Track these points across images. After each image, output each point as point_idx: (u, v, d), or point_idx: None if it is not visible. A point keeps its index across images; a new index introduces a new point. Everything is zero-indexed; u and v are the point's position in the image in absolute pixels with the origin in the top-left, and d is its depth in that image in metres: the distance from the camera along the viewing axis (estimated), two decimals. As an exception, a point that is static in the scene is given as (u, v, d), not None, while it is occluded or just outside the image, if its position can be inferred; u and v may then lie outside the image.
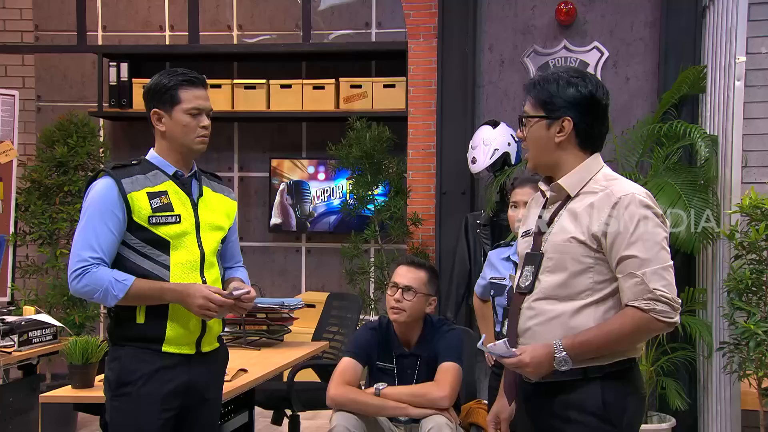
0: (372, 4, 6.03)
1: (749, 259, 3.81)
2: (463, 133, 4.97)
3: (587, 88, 2.12)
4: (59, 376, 5.15)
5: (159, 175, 2.45)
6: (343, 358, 3.19)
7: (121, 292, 2.32)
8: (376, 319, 3.32)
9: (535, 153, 2.16)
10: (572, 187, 2.12)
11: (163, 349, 2.38)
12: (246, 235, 6.22)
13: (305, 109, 5.78)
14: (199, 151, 2.50)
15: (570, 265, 2.06)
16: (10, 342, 3.81)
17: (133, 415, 2.36)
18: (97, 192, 2.39)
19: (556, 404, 2.08)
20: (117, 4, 6.28)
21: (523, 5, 5.00)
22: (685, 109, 4.67)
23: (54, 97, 6.32)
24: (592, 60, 4.91)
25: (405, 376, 3.16)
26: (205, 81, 2.52)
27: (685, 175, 4.29)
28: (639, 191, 2.08)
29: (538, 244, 2.14)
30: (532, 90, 2.16)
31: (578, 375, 2.05)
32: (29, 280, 5.54)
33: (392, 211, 5.26)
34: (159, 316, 2.38)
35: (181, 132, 2.45)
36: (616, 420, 2.06)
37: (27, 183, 5.37)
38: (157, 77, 2.48)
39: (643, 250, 2.01)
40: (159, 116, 2.46)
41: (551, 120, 2.12)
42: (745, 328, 3.64)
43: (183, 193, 2.47)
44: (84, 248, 2.34)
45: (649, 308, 1.99)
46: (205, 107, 2.48)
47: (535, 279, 2.10)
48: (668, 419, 4.37)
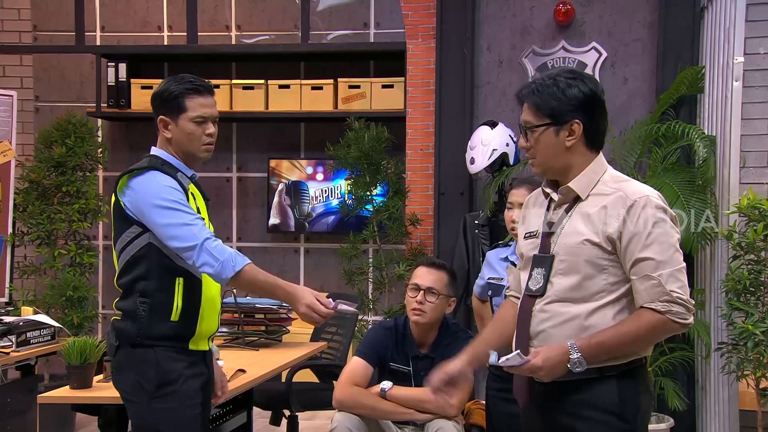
0: (370, 5, 6.03)
1: (747, 259, 3.81)
2: (461, 133, 4.97)
3: (588, 87, 2.11)
4: (57, 376, 5.14)
5: (183, 177, 2.47)
6: (353, 358, 3.17)
7: (239, 265, 2.30)
8: (391, 318, 3.30)
9: (544, 159, 2.13)
10: (582, 189, 2.11)
11: (189, 347, 2.43)
12: (244, 235, 6.22)
13: (304, 109, 5.77)
14: (204, 158, 2.52)
15: (584, 267, 2.05)
16: (8, 342, 3.81)
17: (179, 413, 2.39)
18: (160, 181, 2.37)
19: (571, 403, 2.07)
20: (115, 5, 6.28)
21: (522, 6, 5.00)
22: (684, 109, 4.67)
23: (52, 97, 6.31)
24: (590, 60, 4.91)
25: (419, 378, 3.11)
26: (212, 88, 2.53)
27: (683, 175, 4.29)
28: (652, 193, 2.08)
29: (546, 246, 2.12)
30: (532, 96, 2.12)
31: (594, 374, 2.04)
32: (27, 280, 5.54)
33: (391, 212, 5.26)
34: (192, 313, 2.42)
35: (187, 140, 2.47)
36: (631, 417, 2.06)
37: (25, 183, 5.37)
38: (165, 84, 2.49)
39: (659, 252, 2.01)
40: (165, 123, 2.47)
41: (560, 125, 2.10)
42: (743, 329, 3.64)
43: (200, 195, 2.53)
44: (195, 223, 2.32)
45: (666, 310, 1.99)
46: (210, 115, 2.49)
47: (547, 282, 2.09)
48: (666, 419, 4.37)
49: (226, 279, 2.31)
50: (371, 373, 3.16)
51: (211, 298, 2.48)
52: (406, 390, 3.06)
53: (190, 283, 2.41)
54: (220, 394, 2.68)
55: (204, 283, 2.44)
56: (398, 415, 3.01)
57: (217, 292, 2.52)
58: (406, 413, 3.00)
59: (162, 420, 2.40)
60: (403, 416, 3.01)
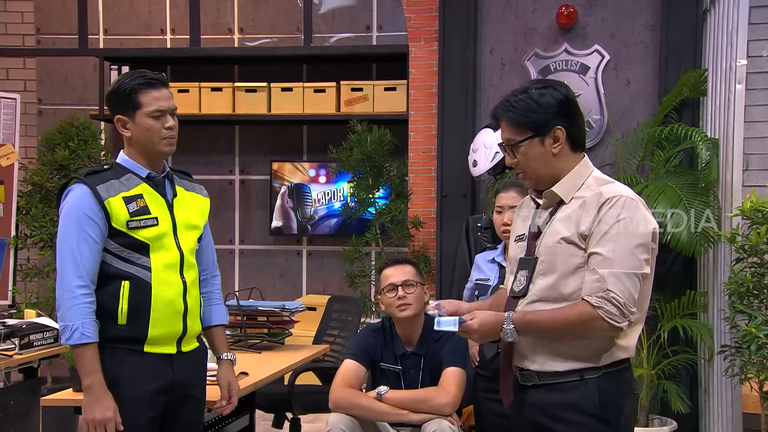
0: (373, 8, 6.04)
1: (750, 262, 3.80)
2: (464, 136, 4.97)
3: (560, 92, 2.15)
4: (60, 379, 5.15)
5: (133, 178, 2.43)
6: (345, 361, 3.19)
7: (74, 341, 2.30)
8: (378, 320, 3.32)
9: (535, 171, 2.16)
10: (566, 193, 2.14)
11: (145, 350, 2.38)
12: (247, 238, 6.22)
13: (306, 112, 5.78)
14: (168, 153, 2.48)
15: (560, 266, 2.09)
16: (11, 345, 3.81)
17: (124, 416, 2.35)
18: (74, 201, 2.36)
19: (553, 406, 2.10)
20: (118, 8, 6.29)
21: (524, 8, 5.00)
22: (686, 112, 4.67)
23: (55, 100, 6.33)
24: (592, 63, 4.91)
25: (409, 376, 3.16)
26: (165, 80, 2.49)
27: (686, 178, 4.29)
28: (630, 194, 2.10)
29: (531, 249, 2.16)
30: (508, 113, 2.14)
31: (575, 377, 2.07)
32: (30, 283, 5.54)
33: (393, 214, 5.26)
34: (141, 316, 2.38)
35: (147, 136, 2.43)
36: (613, 420, 2.08)
37: (28, 186, 5.38)
38: (117, 82, 2.45)
39: (610, 250, 2.03)
40: (123, 122, 2.44)
41: (543, 135, 2.12)
42: (746, 332, 3.63)
43: (158, 194, 2.46)
44: (71, 273, 2.31)
45: (599, 306, 2.01)
46: (167, 108, 2.44)
47: (529, 283, 2.12)
48: (669, 422, 4.37)
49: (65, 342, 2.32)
50: (365, 374, 3.18)
51: (166, 301, 2.40)
52: (402, 392, 3.08)
53: (137, 286, 2.37)
54: (224, 404, 2.62)
55: (155, 285, 2.39)
56: (394, 416, 3.02)
57: (177, 295, 2.43)
58: (402, 414, 3.02)
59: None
60: (398, 417, 3.02)
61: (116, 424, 2.33)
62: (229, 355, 2.66)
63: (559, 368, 2.09)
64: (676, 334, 4.35)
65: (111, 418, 2.32)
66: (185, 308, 2.45)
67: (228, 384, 2.63)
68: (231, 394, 2.63)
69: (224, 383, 2.63)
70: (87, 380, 2.32)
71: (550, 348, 2.10)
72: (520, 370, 2.17)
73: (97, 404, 2.32)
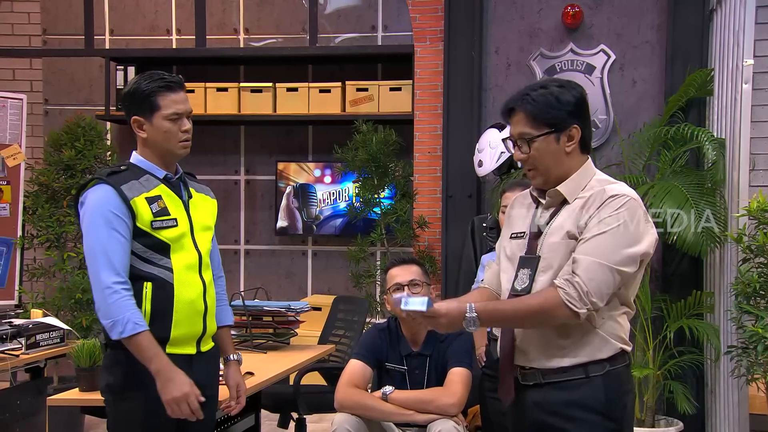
0: (378, 8, 6.04)
1: (757, 262, 3.79)
2: (469, 136, 4.97)
3: (577, 92, 2.14)
4: (66, 378, 5.15)
5: (151, 179, 2.44)
6: (350, 361, 3.19)
7: (129, 332, 2.29)
8: (384, 320, 3.32)
9: (547, 168, 2.14)
10: (570, 193, 2.13)
11: (167, 351, 2.38)
12: (252, 238, 6.23)
13: (311, 112, 5.78)
14: (182, 155, 2.48)
15: (559, 261, 2.08)
16: (18, 345, 3.82)
17: (139, 417, 2.37)
18: (99, 200, 2.36)
19: (559, 404, 2.09)
20: (124, 8, 6.30)
21: (530, 8, 5.00)
22: (692, 112, 4.65)
23: (61, 100, 6.34)
24: (598, 63, 4.90)
25: (415, 376, 3.16)
26: (183, 83, 2.49)
27: (693, 178, 4.28)
28: (632, 195, 2.10)
29: (533, 247, 2.15)
30: (527, 106, 2.11)
31: (580, 373, 2.08)
32: (37, 283, 5.55)
33: (398, 214, 5.26)
34: (164, 317, 2.39)
35: (163, 138, 2.43)
36: (617, 417, 2.10)
37: (34, 186, 5.39)
38: (134, 83, 2.45)
39: (592, 242, 2.03)
40: (140, 123, 2.44)
41: (560, 132, 2.11)
42: (753, 332, 3.62)
43: (175, 195, 2.48)
44: (107, 271, 2.31)
45: (560, 286, 2.01)
46: (184, 111, 2.45)
47: (533, 281, 2.11)
48: (676, 423, 4.36)
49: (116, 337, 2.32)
50: (370, 374, 3.19)
51: (187, 301, 2.42)
52: (407, 392, 3.08)
53: (160, 287, 2.38)
54: (233, 404, 2.63)
55: (177, 286, 2.40)
56: (399, 416, 3.02)
57: (198, 295, 2.45)
58: (407, 414, 3.02)
59: (126, 421, 2.40)
60: (404, 417, 3.02)
61: (196, 396, 2.34)
62: (236, 356, 2.67)
63: (565, 363, 2.08)
64: (682, 334, 4.34)
65: (189, 392, 2.33)
66: (205, 308, 2.48)
67: (236, 384, 2.65)
68: (239, 395, 2.65)
69: (232, 384, 2.64)
70: (153, 365, 2.32)
71: (551, 343, 2.10)
72: (521, 369, 2.16)
73: (171, 383, 2.32)
